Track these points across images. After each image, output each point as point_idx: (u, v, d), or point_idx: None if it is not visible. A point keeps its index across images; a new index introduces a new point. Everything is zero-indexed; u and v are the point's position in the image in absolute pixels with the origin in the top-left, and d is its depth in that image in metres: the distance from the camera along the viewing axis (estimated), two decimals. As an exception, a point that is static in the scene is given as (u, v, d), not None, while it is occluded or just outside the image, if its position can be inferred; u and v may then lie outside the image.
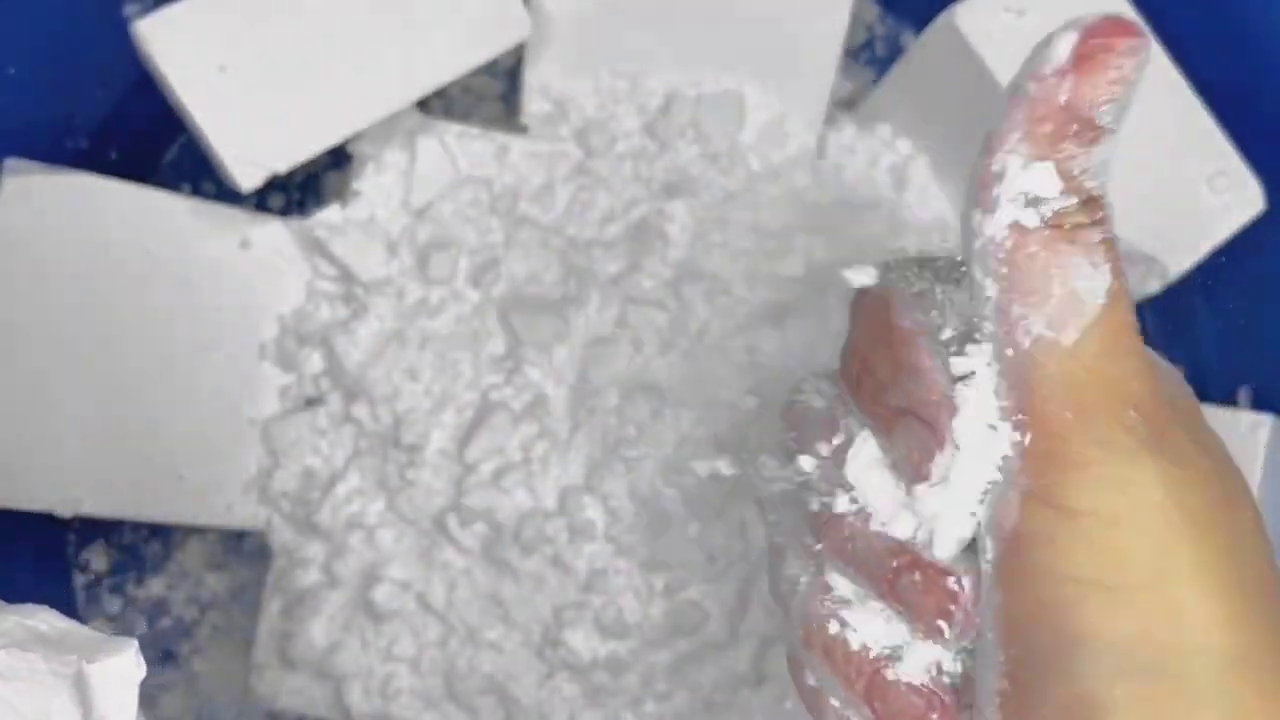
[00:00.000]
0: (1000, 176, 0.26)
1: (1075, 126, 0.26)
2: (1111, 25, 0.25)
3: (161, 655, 0.52)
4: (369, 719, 0.47)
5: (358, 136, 0.45)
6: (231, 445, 0.47)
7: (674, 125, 0.49)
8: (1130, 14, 0.46)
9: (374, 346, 0.47)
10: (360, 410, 0.47)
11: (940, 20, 0.46)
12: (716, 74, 0.49)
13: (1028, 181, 0.26)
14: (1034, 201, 0.26)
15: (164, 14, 0.42)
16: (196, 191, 0.52)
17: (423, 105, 0.47)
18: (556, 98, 0.49)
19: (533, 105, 0.49)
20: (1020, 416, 0.26)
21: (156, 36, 0.41)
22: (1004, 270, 0.26)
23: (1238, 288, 0.50)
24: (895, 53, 0.55)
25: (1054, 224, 0.26)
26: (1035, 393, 0.26)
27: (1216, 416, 0.45)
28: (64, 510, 0.45)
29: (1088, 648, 0.25)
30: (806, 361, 0.47)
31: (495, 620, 0.46)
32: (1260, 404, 0.48)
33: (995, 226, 0.26)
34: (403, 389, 0.47)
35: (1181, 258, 0.46)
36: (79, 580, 0.52)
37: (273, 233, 0.47)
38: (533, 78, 0.49)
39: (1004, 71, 0.45)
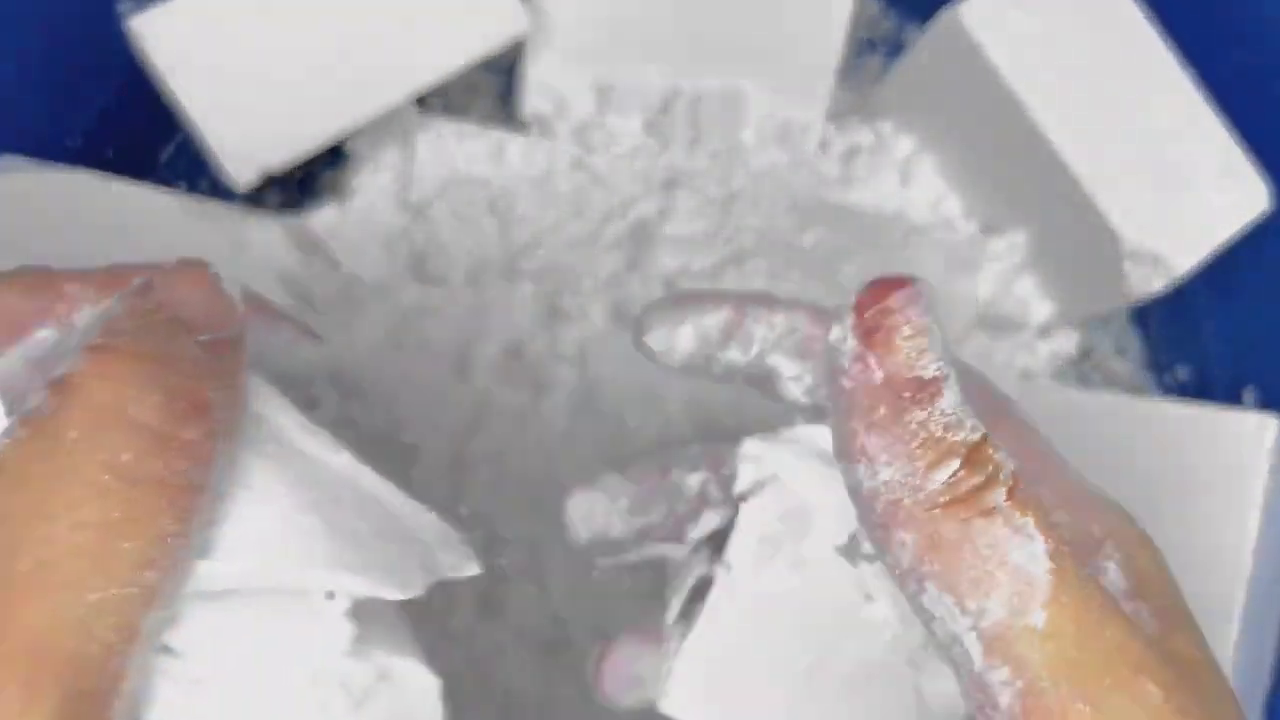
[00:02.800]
0: (874, 489, 0.23)
1: (907, 394, 0.23)
2: (875, 290, 0.24)
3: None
4: None
5: (354, 134, 0.45)
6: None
7: (674, 124, 0.49)
8: (1135, 14, 0.46)
9: (371, 347, 0.47)
10: (358, 411, 0.47)
11: (943, 17, 0.46)
12: (717, 72, 0.49)
13: (896, 475, 0.23)
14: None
15: (159, 11, 0.41)
16: (192, 190, 0.51)
17: (420, 103, 0.46)
18: (555, 96, 0.49)
19: (531, 103, 0.49)
20: (1021, 706, 0.23)
21: (152, 33, 0.41)
22: (936, 568, 0.23)
23: (1243, 287, 0.50)
24: (898, 50, 0.55)
25: (955, 503, 0.23)
26: (1027, 682, 0.23)
27: (1221, 416, 0.45)
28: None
29: None
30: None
31: (494, 623, 0.46)
32: (1266, 404, 0.48)
33: (901, 537, 0.23)
34: (400, 390, 0.47)
35: (1187, 257, 0.46)
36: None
37: (269, 231, 0.47)
38: (532, 76, 0.49)
39: (1007, 67, 0.45)
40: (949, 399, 0.23)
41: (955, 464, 0.23)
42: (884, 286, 0.24)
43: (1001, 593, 0.22)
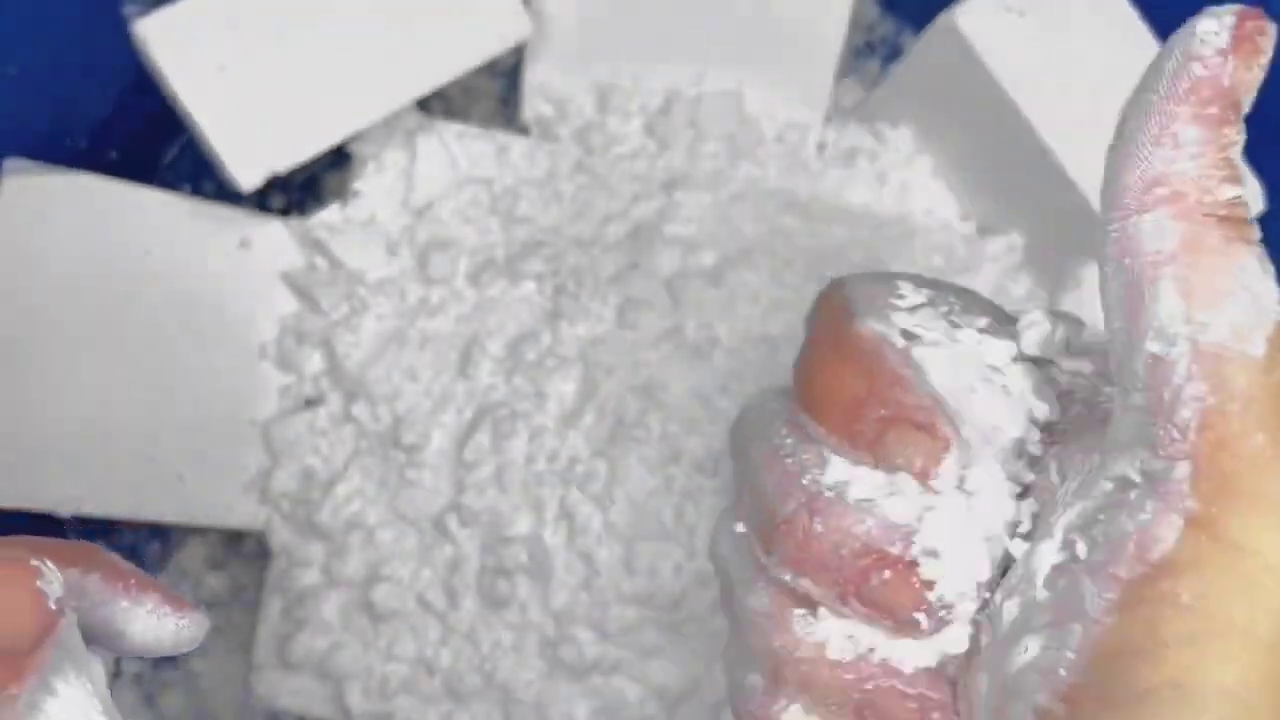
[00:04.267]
0: (1167, 174, 0.24)
1: (1232, 114, 0.25)
2: (1252, 11, 0.24)
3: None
4: (369, 719, 0.47)
5: (358, 136, 0.45)
6: (231, 445, 0.47)
7: (674, 125, 0.49)
8: (1130, 15, 0.46)
9: (374, 346, 0.47)
10: (360, 410, 0.47)
11: (940, 20, 0.46)
12: (716, 74, 0.49)
13: (1198, 171, 0.24)
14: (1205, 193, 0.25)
15: (164, 13, 0.42)
16: (196, 191, 0.51)
17: (423, 105, 0.47)
18: (556, 98, 0.49)
19: (533, 105, 0.49)
20: (1184, 433, 0.23)
21: (156, 36, 0.41)
22: (1184, 270, 0.23)
23: (1238, 288, 0.50)
24: (895, 53, 0.55)
25: (1231, 220, 0.24)
26: (1219, 403, 0.23)
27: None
28: (64, 510, 0.45)
29: (1202, 700, 0.23)
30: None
31: (495, 620, 0.46)
32: (1260, 404, 0.48)
33: (1162, 223, 0.24)
34: (403, 389, 0.47)
35: (1182, 258, 0.46)
36: (79, 580, 0.52)
37: (273, 233, 0.47)
38: (533, 77, 0.49)
39: (1003, 70, 0.45)
40: (1240, 145, 0.25)
41: (1238, 191, 0.24)
42: (1257, 13, 0.24)
43: (1234, 313, 0.23)
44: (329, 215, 0.47)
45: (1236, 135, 0.25)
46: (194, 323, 0.46)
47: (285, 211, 0.52)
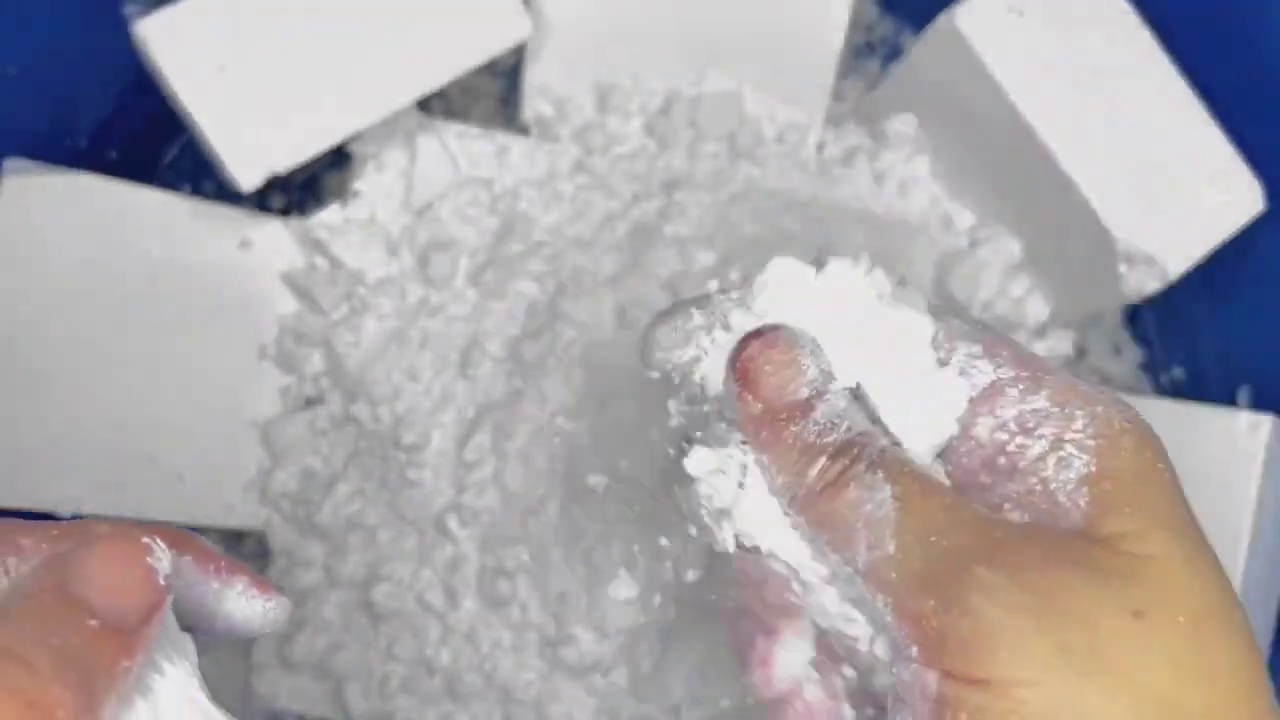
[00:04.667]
0: (777, 490, 0.30)
1: (783, 416, 0.29)
2: (743, 343, 0.30)
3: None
4: (369, 719, 0.47)
5: (358, 136, 0.45)
6: (231, 445, 0.47)
7: (674, 125, 0.49)
8: (1130, 16, 0.46)
9: (374, 346, 0.47)
10: (360, 410, 0.47)
11: (940, 20, 0.46)
12: (716, 74, 0.49)
13: (789, 478, 0.29)
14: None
15: (164, 14, 0.42)
16: (197, 191, 0.51)
17: (423, 105, 0.47)
18: (556, 98, 0.49)
19: (533, 105, 0.49)
20: (898, 620, 0.28)
21: (157, 36, 0.41)
22: (825, 535, 0.29)
23: (1238, 288, 0.50)
24: (895, 53, 0.55)
25: (827, 487, 0.29)
26: (896, 600, 0.27)
27: (1215, 416, 0.45)
28: (64, 510, 0.45)
29: None
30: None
31: (495, 620, 0.46)
32: (1259, 404, 0.48)
33: (801, 519, 0.29)
34: (403, 389, 0.47)
35: (1182, 258, 0.46)
36: (79, 580, 0.52)
37: (273, 233, 0.47)
38: (533, 78, 0.49)
39: (1003, 71, 0.45)
40: (824, 409, 0.29)
41: (822, 460, 0.29)
42: (749, 339, 0.30)
43: (864, 538, 0.28)
44: (329, 215, 0.47)
45: (796, 426, 0.29)
46: (194, 323, 0.46)
47: (285, 211, 0.52)
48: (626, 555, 0.46)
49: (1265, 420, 0.44)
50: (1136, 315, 0.54)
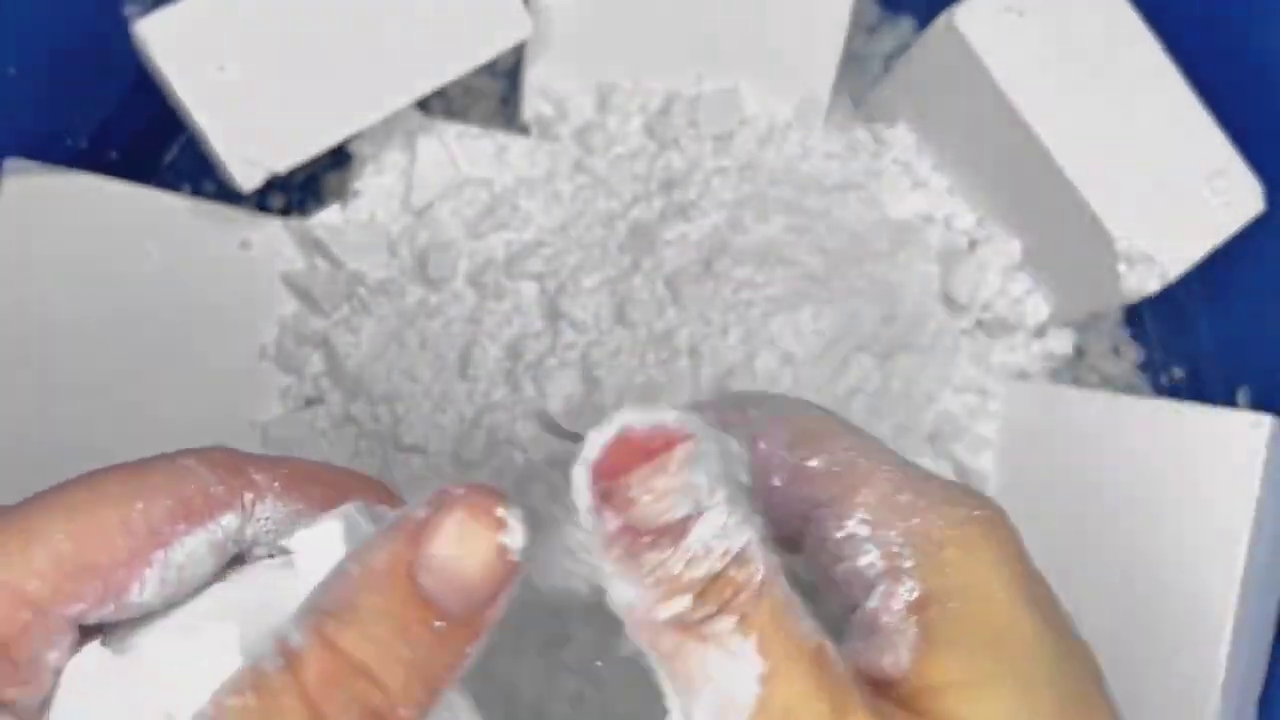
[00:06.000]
0: (620, 606, 0.25)
1: (647, 538, 0.24)
2: (612, 452, 0.25)
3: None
4: (369, 719, 0.47)
5: (358, 136, 0.45)
6: (232, 445, 0.47)
7: (674, 125, 0.49)
8: (1130, 16, 0.46)
9: (374, 347, 0.47)
10: (360, 410, 0.47)
11: (940, 20, 0.46)
12: (716, 74, 0.49)
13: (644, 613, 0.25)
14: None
15: (164, 14, 0.42)
16: (197, 191, 0.52)
17: (423, 105, 0.47)
18: (556, 98, 0.49)
19: (533, 105, 0.49)
20: None
21: (157, 36, 0.41)
22: (665, 670, 0.25)
23: (1238, 288, 0.50)
24: (895, 53, 0.55)
25: (678, 629, 0.25)
26: None
27: (1215, 416, 0.45)
28: (64, 510, 0.45)
29: None
30: (807, 361, 0.47)
31: (495, 620, 0.46)
32: (1259, 404, 0.48)
33: (641, 642, 0.26)
34: (403, 389, 0.47)
35: (1181, 258, 0.46)
36: (79, 580, 0.52)
37: (273, 233, 0.47)
38: (533, 78, 0.49)
39: (1003, 71, 0.45)
40: (697, 534, 0.24)
41: (686, 599, 0.24)
42: (622, 452, 0.24)
43: (705, 703, 0.24)
44: (329, 216, 0.47)
45: (663, 553, 0.24)
46: (194, 323, 0.46)
47: (285, 212, 0.52)
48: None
49: (1265, 420, 0.44)
50: (1136, 315, 0.54)
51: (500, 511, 0.24)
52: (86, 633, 0.27)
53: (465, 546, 0.24)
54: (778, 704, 0.24)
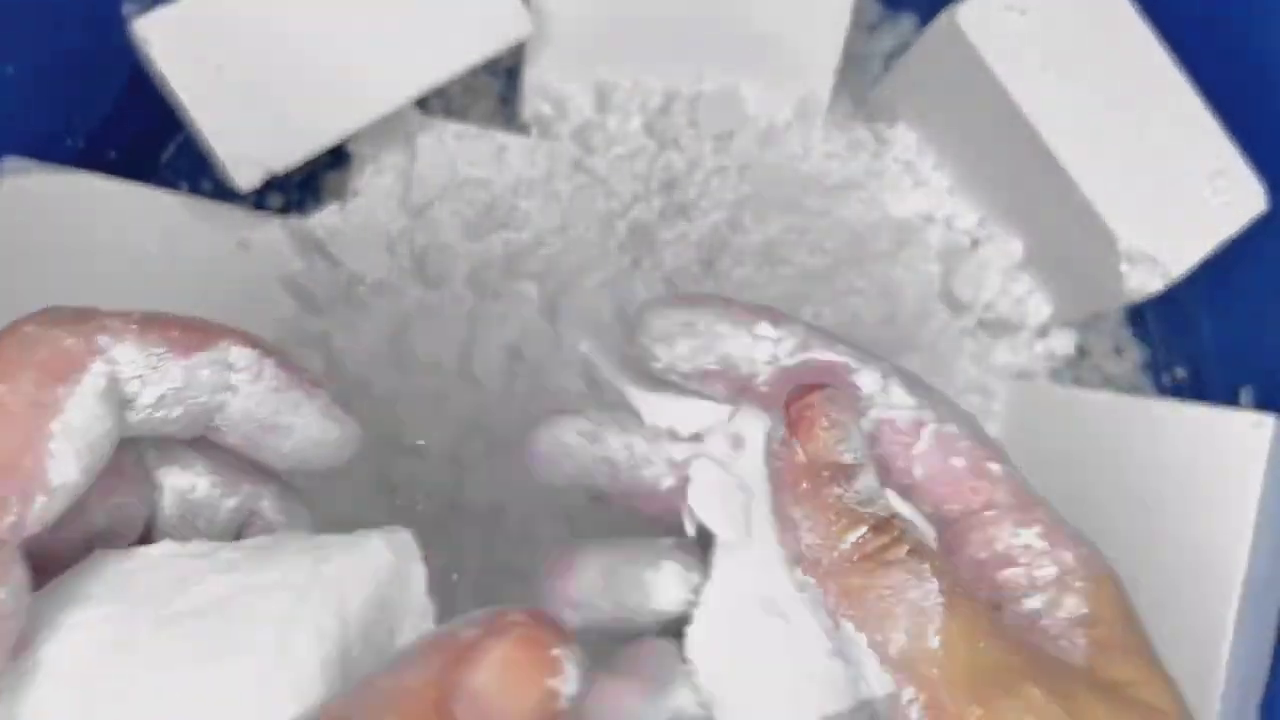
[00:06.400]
0: (799, 551, 0.28)
1: (827, 474, 0.28)
2: (802, 390, 0.29)
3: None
4: None
5: (356, 136, 0.45)
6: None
7: (674, 125, 0.49)
8: (1132, 16, 0.46)
9: (373, 347, 0.47)
10: (360, 411, 0.47)
11: (942, 19, 0.46)
12: (716, 74, 0.49)
13: (817, 538, 0.28)
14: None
15: (163, 13, 0.41)
16: (195, 191, 0.51)
17: (422, 105, 0.47)
18: (556, 97, 0.49)
19: (533, 105, 0.49)
20: (926, 713, 0.27)
21: (155, 36, 0.41)
22: (850, 611, 0.28)
23: (1239, 288, 0.50)
24: (896, 52, 0.55)
25: (863, 559, 0.28)
26: (930, 696, 0.27)
27: (1217, 416, 0.45)
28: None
29: None
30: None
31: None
32: (1262, 404, 0.48)
33: (822, 588, 0.28)
34: (402, 390, 0.47)
35: (1183, 258, 0.46)
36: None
37: (271, 233, 0.47)
38: (532, 77, 0.49)
39: (1004, 70, 0.45)
40: (864, 481, 0.28)
41: (863, 529, 0.28)
42: (808, 388, 0.29)
43: (902, 624, 0.27)
44: (328, 216, 0.47)
45: (839, 488, 0.28)
46: (193, 323, 0.46)
47: (284, 211, 0.52)
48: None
49: (1268, 420, 0.44)
50: (1138, 315, 0.54)
51: (556, 651, 0.21)
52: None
53: (510, 684, 0.21)
54: (963, 610, 0.27)
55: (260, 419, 0.28)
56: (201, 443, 0.29)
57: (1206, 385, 0.52)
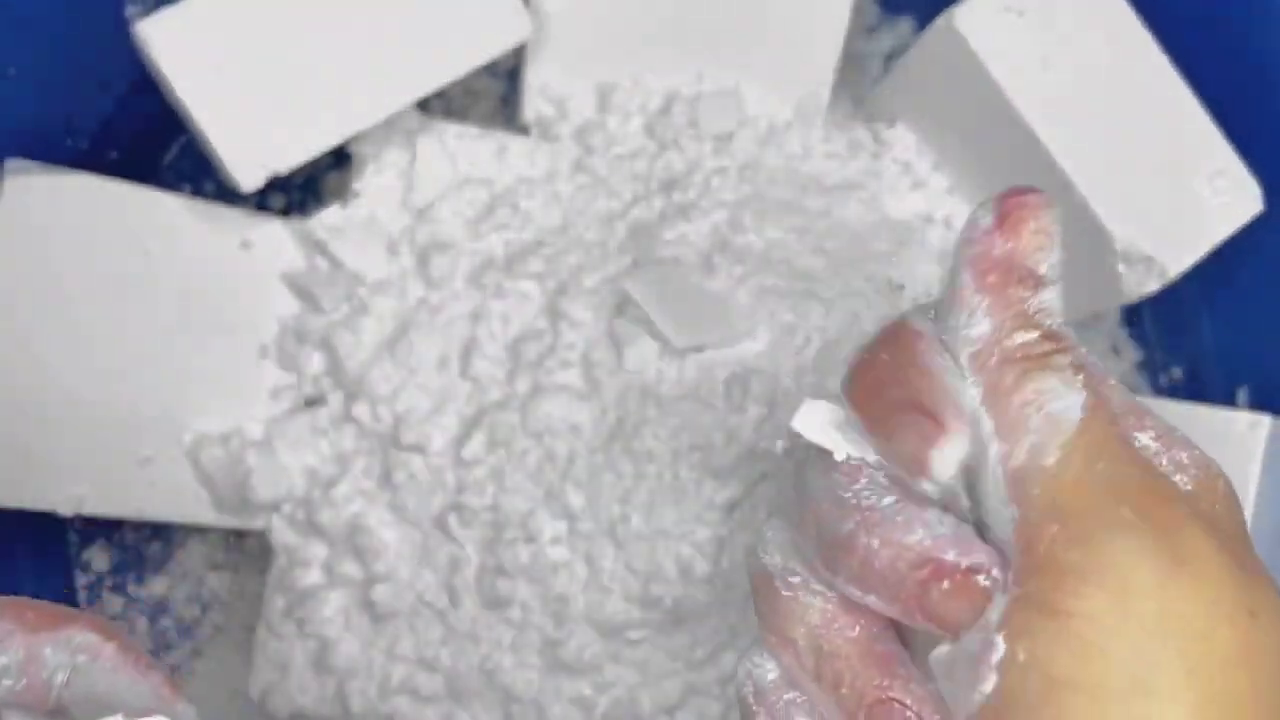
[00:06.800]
0: (965, 337, 0.28)
1: (1017, 275, 0.29)
2: (1020, 189, 0.29)
3: (162, 655, 0.52)
4: (369, 719, 0.47)
5: (358, 137, 0.45)
6: (234, 442, 0.47)
7: (674, 125, 0.49)
8: (1129, 17, 0.46)
9: (374, 346, 0.47)
10: (360, 410, 0.47)
11: (940, 21, 0.46)
12: (716, 74, 0.50)
13: (988, 330, 0.28)
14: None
15: (165, 14, 0.42)
16: (197, 192, 0.52)
17: (423, 105, 0.47)
18: (556, 98, 0.49)
19: (533, 105, 0.49)
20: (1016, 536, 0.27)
21: (158, 37, 0.42)
22: (991, 413, 0.28)
23: (1237, 288, 0.50)
24: (895, 53, 0.55)
25: (1024, 358, 0.28)
26: (1024, 514, 0.27)
27: (1214, 416, 0.45)
28: (65, 510, 0.45)
29: None
30: (806, 363, 0.47)
31: (495, 620, 0.47)
32: (1258, 404, 0.48)
33: (974, 381, 0.28)
34: (403, 389, 0.47)
35: (1181, 258, 0.46)
36: (80, 580, 0.52)
37: (273, 233, 0.47)
38: (533, 78, 0.49)
39: (1002, 71, 0.45)
40: (1049, 296, 0.29)
41: (1035, 334, 0.28)
42: (1025, 190, 0.29)
43: (1031, 436, 0.27)
44: (329, 215, 0.47)
45: (1025, 292, 0.29)
46: (194, 323, 0.46)
47: (285, 211, 0.52)
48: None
49: (1264, 420, 0.44)
50: (1135, 315, 0.54)
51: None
52: None
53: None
54: (1096, 429, 0.27)
55: (96, 696, 0.30)
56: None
57: (1203, 385, 0.52)
